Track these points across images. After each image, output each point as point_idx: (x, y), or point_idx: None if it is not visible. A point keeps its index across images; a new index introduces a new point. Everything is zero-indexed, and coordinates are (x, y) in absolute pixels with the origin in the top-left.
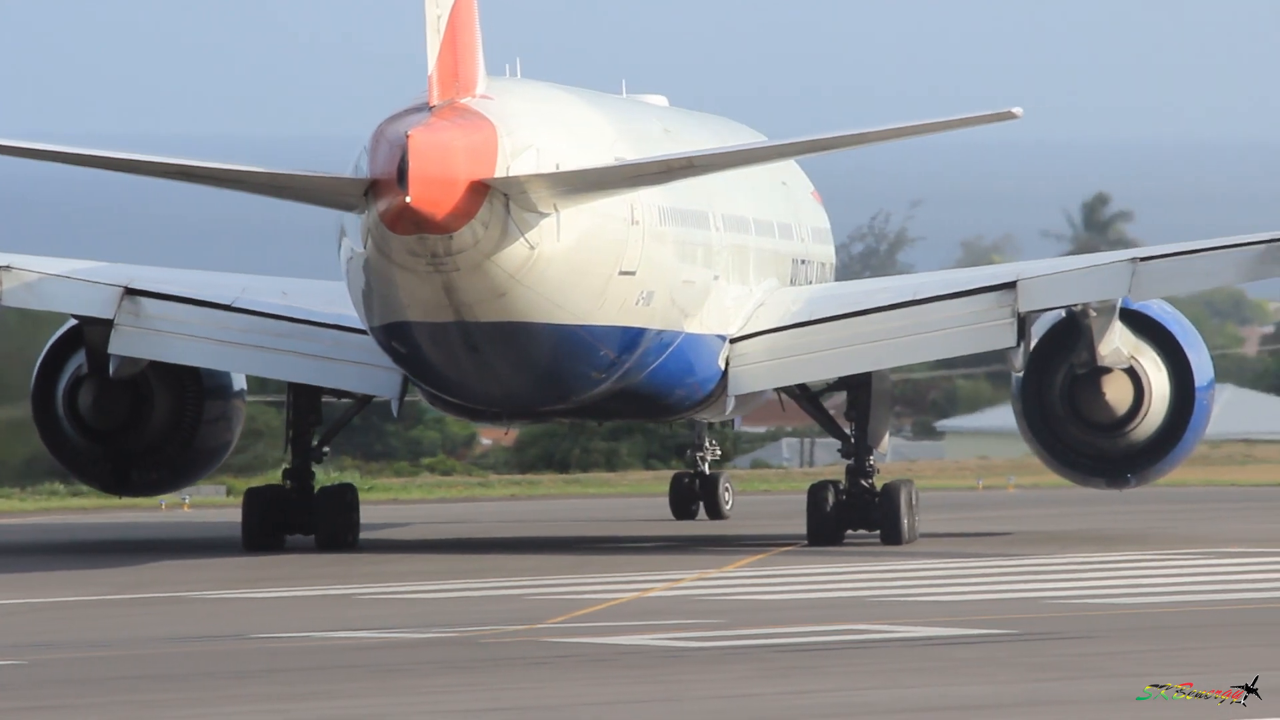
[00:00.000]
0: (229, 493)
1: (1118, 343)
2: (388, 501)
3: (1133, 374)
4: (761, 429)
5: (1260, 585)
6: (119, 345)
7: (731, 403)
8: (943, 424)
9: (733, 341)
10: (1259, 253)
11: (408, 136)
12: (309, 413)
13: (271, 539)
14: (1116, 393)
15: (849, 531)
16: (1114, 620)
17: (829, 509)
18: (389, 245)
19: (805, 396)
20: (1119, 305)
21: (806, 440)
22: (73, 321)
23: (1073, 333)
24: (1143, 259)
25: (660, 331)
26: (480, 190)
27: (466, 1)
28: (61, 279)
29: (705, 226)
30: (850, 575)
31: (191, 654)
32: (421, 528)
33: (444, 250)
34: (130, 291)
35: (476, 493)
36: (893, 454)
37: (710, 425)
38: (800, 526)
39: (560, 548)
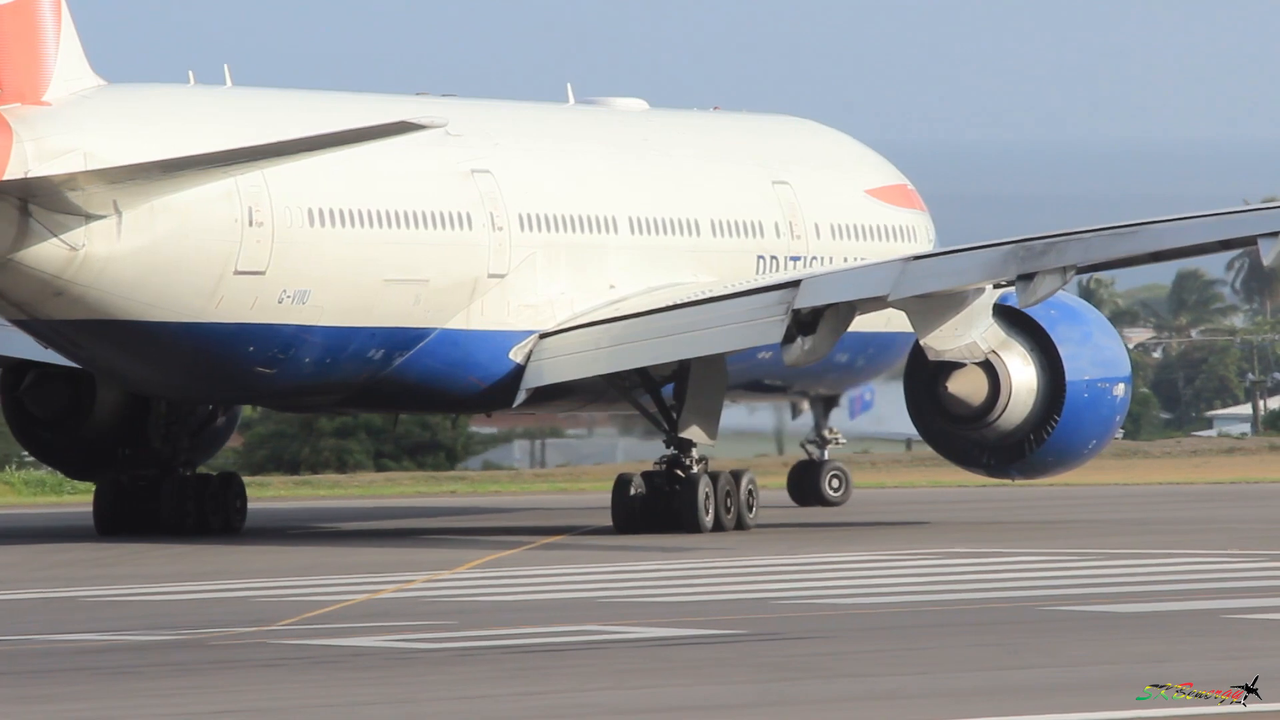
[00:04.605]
0: None
1: (974, 337)
2: None
3: (989, 367)
4: (493, 430)
5: (987, 585)
6: None
7: (522, 395)
8: None
9: (544, 336)
10: (1005, 254)
11: None
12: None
13: (131, 526)
14: (965, 386)
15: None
16: (844, 620)
17: (631, 498)
18: None
19: (645, 386)
20: (982, 300)
21: (538, 441)
22: None
23: None
24: (912, 259)
25: (382, 329)
26: None
27: (21, 9)
28: None
29: (466, 227)
30: (582, 575)
31: None
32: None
33: None
34: None
35: None
36: (624, 454)
37: (826, 413)
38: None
39: (292, 548)
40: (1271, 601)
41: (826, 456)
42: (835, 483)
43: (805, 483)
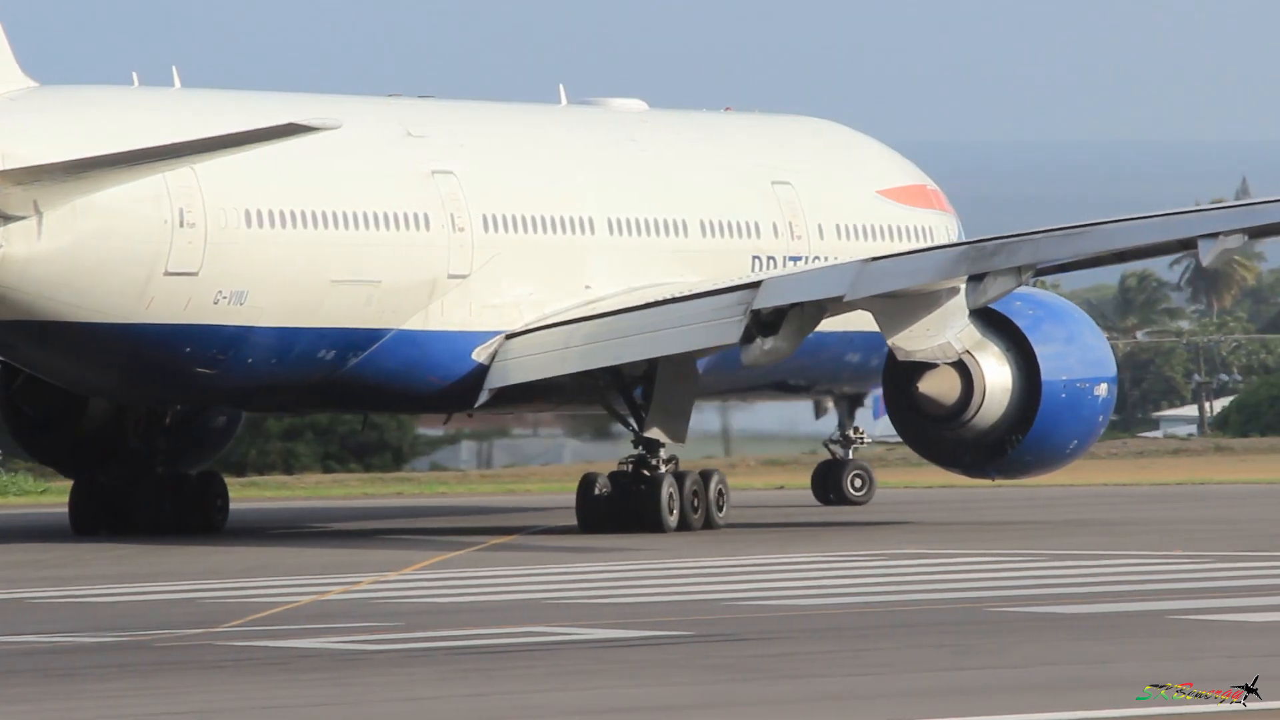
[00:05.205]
0: None
1: (948, 337)
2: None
3: (961, 367)
4: (439, 431)
5: (937, 586)
6: None
7: (485, 395)
8: (619, 427)
9: (510, 337)
10: (957, 254)
11: None
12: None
13: (108, 526)
14: (937, 385)
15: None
16: (790, 621)
17: (595, 497)
18: None
19: (617, 386)
20: (956, 301)
21: (485, 443)
22: None
23: None
24: (871, 260)
25: (332, 330)
26: None
27: None
28: None
29: (423, 228)
30: (531, 576)
31: None
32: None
33: None
34: None
35: None
36: (571, 455)
37: (851, 412)
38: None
39: (239, 549)
40: (1218, 602)
41: (850, 456)
42: (858, 482)
43: (828, 482)
